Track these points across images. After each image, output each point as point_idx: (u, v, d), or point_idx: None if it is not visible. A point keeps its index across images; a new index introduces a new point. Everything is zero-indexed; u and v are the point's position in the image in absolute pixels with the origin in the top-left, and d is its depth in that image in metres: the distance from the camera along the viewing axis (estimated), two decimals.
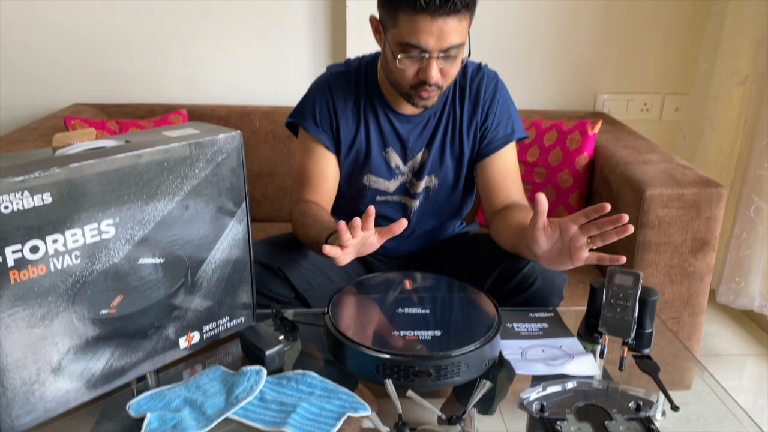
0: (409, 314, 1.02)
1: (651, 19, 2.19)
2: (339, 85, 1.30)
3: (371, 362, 0.91)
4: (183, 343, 0.97)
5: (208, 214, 0.94)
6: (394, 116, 1.30)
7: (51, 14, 2.07)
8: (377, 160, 1.31)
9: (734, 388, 1.86)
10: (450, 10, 1.07)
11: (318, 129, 1.29)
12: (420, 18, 1.08)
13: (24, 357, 0.79)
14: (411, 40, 1.10)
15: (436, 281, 1.14)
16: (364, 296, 1.09)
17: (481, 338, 0.94)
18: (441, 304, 1.07)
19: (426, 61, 1.13)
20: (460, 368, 0.91)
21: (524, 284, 1.19)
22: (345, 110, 1.29)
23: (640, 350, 1.03)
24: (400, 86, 1.20)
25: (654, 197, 1.48)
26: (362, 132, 1.30)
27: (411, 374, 0.90)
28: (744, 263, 1.94)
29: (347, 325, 0.98)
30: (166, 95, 2.16)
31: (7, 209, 0.73)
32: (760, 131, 1.87)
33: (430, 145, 1.31)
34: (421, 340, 0.94)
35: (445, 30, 1.09)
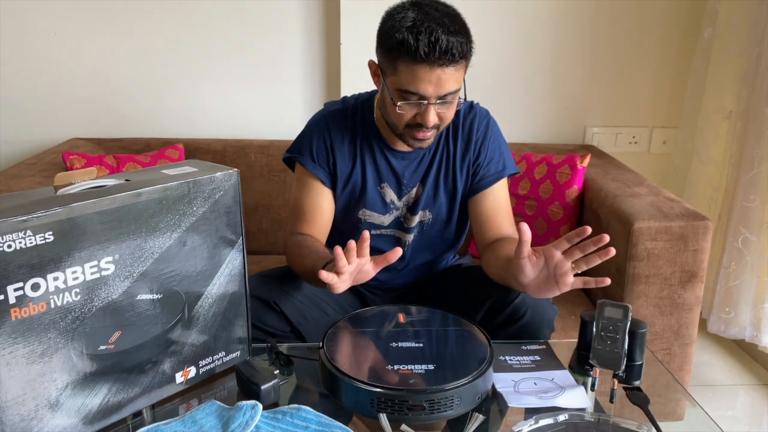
0: (402, 348, 1.03)
1: (639, 53, 2.25)
2: (336, 122, 1.33)
3: (365, 396, 0.92)
4: (179, 377, 0.97)
5: (205, 250, 0.96)
6: (390, 153, 1.33)
7: (49, 50, 2.11)
8: (372, 195, 1.34)
9: (728, 417, 1.86)
10: (448, 61, 1.11)
11: (315, 165, 1.32)
12: (419, 68, 1.12)
13: (23, 393, 0.80)
14: (410, 88, 1.15)
15: (429, 315, 1.16)
16: (358, 330, 1.10)
17: (474, 372, 0.96)
18: (434, 338, 1.08)
19: (424, 107, 1.17)
20: (453, 402, 0.92)
21: (515, 316, 1.21)
22: (342, 147, 1.32)
23: (630, 382, 1.04)
24: (396, 128, 1.24)
25: (642, 230, 1.51)
26: (358, 168, 1.33)
27: (405, 408, 0.91)
28: (733, 293, 1.96)
29: (342, 359, 0.99)
30: (163, 130, 2.19)
31: (10, 248, 0.75)
32: (745, 164, 1.91)
33: (425, 180, 1.34)
34: (414, 374, 0.95)
35: (443, 78, 1.13)
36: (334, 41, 2.14)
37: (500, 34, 2.19)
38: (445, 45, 1.10)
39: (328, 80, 2.22)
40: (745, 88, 1.95)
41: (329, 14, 2.14)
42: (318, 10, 2.14)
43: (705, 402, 1.83)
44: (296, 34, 2.16)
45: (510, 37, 2.20)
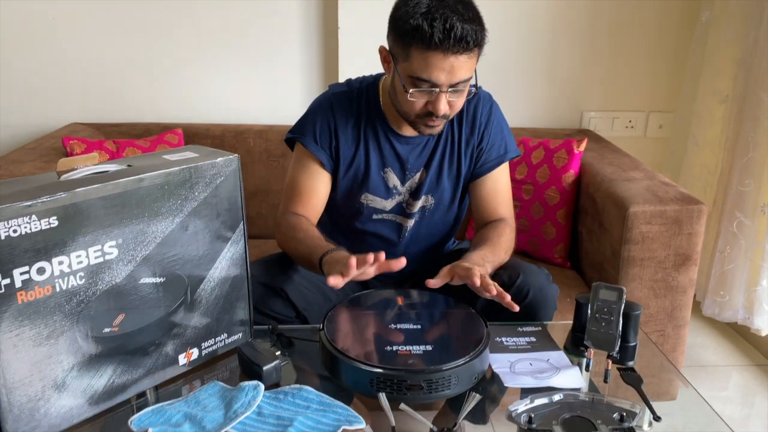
0: (401, 330, 1.05)
1: (636, 37, 2.25)
2: (341, 105, 1.33)
3: (365, 376, 0.94)
4: (182, 359, 0.99)
5: (206, 235, 0.97)
6: (394, 137, 1.33)
7: (48, 34, 2.11)
8: (375, 180, 1.34)
9: (721, 398, 1.90)
10: (462, 48, 1.11)
11: (317, 146, 1.32)
12: (432, 55, 1.11)
13: (30, 374, 0.81)
14: (422, 75, 1.14)
15: (427, 298, 1.18)
16: (358, 312, 1.12)
17: (471, 352, 0.98)
18: (432, 320, 1.10)
19: (435, 95, 1.17)
20: (450, 381, 0.94)
21: (518, 297, 1.22)
22: (345, 130, 1.32)
23: (624, 363, 1.06)
24: (407, 115, 1.24)
25: (637, 214, 1.53)
26: (362, 152, 1.33)
27: (403, 388, 0.93)
28: (728, 277, 1.98)
29: (342, 340, 1.01)
30: (162, 115, 2.19)
31: (16, 233, 0.76)
32: (740, 149, 1.92)
33: (429, 165, 1.35)
34: (413, 355, 0.97)
35: (456, 66, 1.13)
36: (332, 25, 2.14)
37: (498, 19, 2.19)
38: (460, 32, 1.09)
39: (326, 65, 2.22)
40: (742, 73, 1.96)
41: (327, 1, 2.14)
42: None
43: (698, 383, 1.87)
44: (294, 18, 2.16)
45: (507, 22, 2.20)
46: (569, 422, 0.91)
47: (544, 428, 0.89)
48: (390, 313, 1.12)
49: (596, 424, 0.90)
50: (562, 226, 1.83)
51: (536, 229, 1.85)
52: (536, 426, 0.89)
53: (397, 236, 1.39)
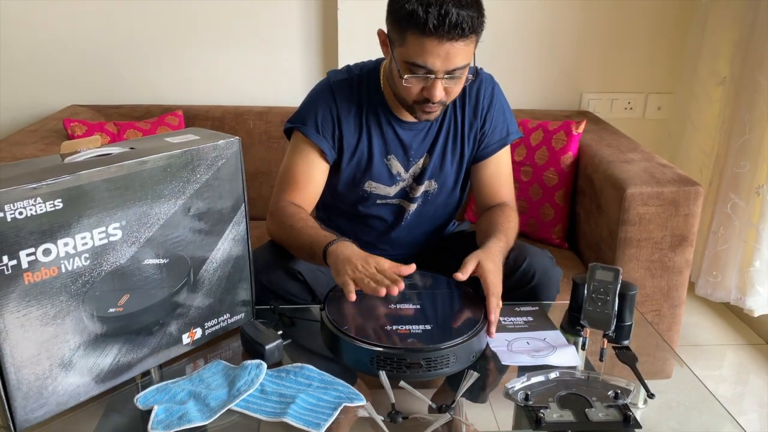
0: (401, 309, 1.07)
1: (635, 19, 2.25)
2: (342, 93, 1.30)
3: (366, 355, 0.96)
4: (186, 339, 1.01)
5: (209, 216, 0.98)
6: (397, 123, 1.32)
7: (48, 17, 2.10)
8: (379, 168, 1.34)
9: (715, 377, 1.93)
10: (458, 35, 1.10)
11: (318, 135, 1.29)
12: (428, 41, 1.10)
13: (38, 353, 0.83)
14: (418, 61, 1.13)
15: (426, 278, 1.20)
16: (358, 292, 1.14)
17: (469, 331, 1.00)
18: (431, 300, 1.12)
19: (431, 81, 1.16)
20: (449, 360, 0.96)
21: (523, 280, 1.24)
22: (348, 118, 1.30)
23: (619, 342, 1.08)
24: (404, 100, 1.23)
25: (634, 195, 1.54)
26: (365, 140, 1.32)
27: (403, 366, 0.95)
28: (721, 257, 2.00)
29: (343, 319, 1.03)
30: (162, 97, 2.19)
31: (22, 215, 0.77)
32: (736, 131, 1.93)
33: (432, 150, 1.34)
34: (412, 333, 0.99)
35: (451, 53, 1.12)
36: (332, 7, 2.13)
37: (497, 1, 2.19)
38: (455, 19, 1.08)
39: (326, 47, 2.21)
40: (740, 55, 1.96)
41: None
42: None
43: (693, 361, 1.90)
44: (294, 1, 2.15)
45: (507, 4, 2.19)
46: (565, 399, 0.93)
47: (540, 405, 0.91)
48: (391, 297, 1.13)
49: (591, 401, 0.92)
50: (561, 207, 1.84)
51: (535, 211, 1.86)
52: (533, 403, 0.91)
53: (399, 219, 1.40)
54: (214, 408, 0.89)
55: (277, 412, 0.88)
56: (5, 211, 0.76)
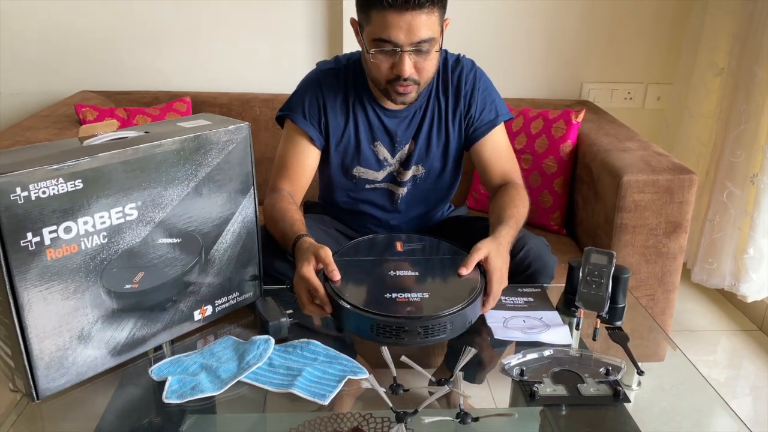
0: (400, 276, 1.10)
1: (635, 11, 2.27)
2: (329, 82, 1.36)
3: (366, 323, 1.00)
4: (197, 315, 1.06)
5: (220, 198, 1.03)
6: (382, 111, 1.36)
7: (59, 4, 2.13)
8: (366, 153, 1.38)
9: (708, 362, 1.97)
10: (415, 5, 1.14)
11: (306, 122, 1.35)
12: (389, 14, 1.15)
13: (59, 326, 0.88)
14: (383, 35, 1.18)
15: (425, 243, 1.22)
16: (359, 259, 1.16)
17: (465, 300, 1.03)
18: (430, 267, 1.14)
19: (399, 56, 1.20)
20: (446, 327, 1.00)
21: (519, 268, 1.28)
22: (334, 105, 1.36)
23: (612, 323, 1.12)
24: (378, 82, 1.27)
25: (630, 183, 1.58)
26: (351, 127, 1.37)
27: (401, 333, 0.99)
28: (716, 245, 2.04)
29: (344, 288, 1.05)
30: (171, 83, 2.23)
31: (45, 194, 0.82)
32: (733, 121, 1.96)
33: (417, 137, 1.38)
34: (411, 302, 1.02)
35: (413, 24, 1.16)
36: None
37: None
38: None
39: (330, 34, 2.24)
40: (737, 46, 1.99)
41: None
42: None
43: (686, 346, 1.94)
44: None
45: None
46: (558, 375, 0.98)
47: (534, 380, 0.95)
48: (389, 260, 1.16)
49: (583, 377, 0.97)
50: (559, 194, 1.88)
51: (534, 197, 1.90)
52: (527, 378, 0.96)
53: (390, 203, 1.44)
54: (224, 379, 0.94)
55: (285, 383, 0.93)
56: (29, 191, 0.80)
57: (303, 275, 1.04)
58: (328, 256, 1.06)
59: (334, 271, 1.05)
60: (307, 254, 1.07)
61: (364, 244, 1.24)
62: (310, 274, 1.04)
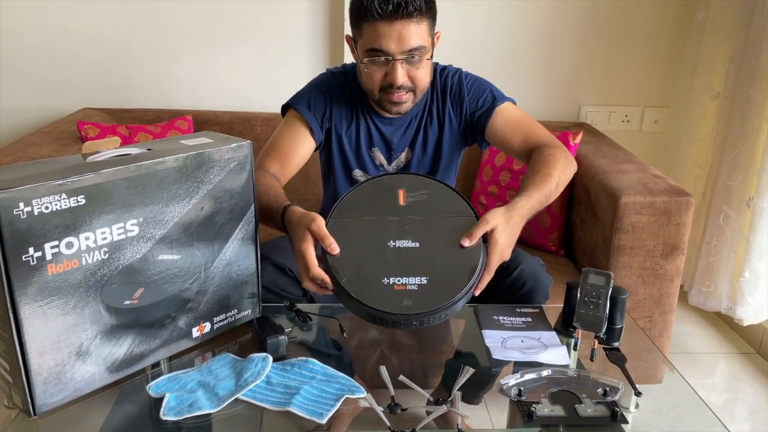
0: (399, 249, 1.06)
1: (633, 35, 2.30)
2: (337, 83, 1.41)
3: (363, 311, 1.02)
4: (195, 332, 1.06)
5: (220, 215, 1.03)
6: (378, 119, 1.41)
7: (62, 21, 2.16)
8: (365, 158, 1.43)
9: (706, 385, 1.96)
10: (403, 14, 1.19)
11: (309, 113, 1.38)
12: (380, 24, 1.20)
13: (58, 341, 0.88)
14: (375, 45, 1.23)
15: (430, 193, 1.14)
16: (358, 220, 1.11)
17: (463, 287, 1.03)
18: (432, 235, 1.08)
19: (391, 64, 1.24)
20: (441, 317, 1.03)
21: (514, 287, 1.29)
22: (340, 106, 1.40)
23: (610, 343, 1.12)
24: (372, 94, 1.31)
25: (628, 204, 1.59)
26: (353, 129, 1.41)
27: (398, 325, 1.01)
28: (713, 268, 2.05)
29: (341, 266, 1.04)
30: (173, 101, 2.25)
31: (48, 209, 0.82)
32: (729, 144, 1.98)
33: (413, 145, 1.43)
34: (408, 291, 1.02)
35: (404, 33, 1.21)
36: (339, 16, 2.19)
37: (497, 15, 2.25)
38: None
39: (332, 55, 2.27)
40: (733, 70, 2.02)
41: None
42: None
43: (684, 369, 1.94)
44: (301, 9, 2.21)
45: (507, 17, 2.25)
46: (556, 395, 0.97)
47: (532, 401, 0.95)
48: (390, 221, 1.10)
49: (581, 397, 0.97)
50: (557, 215, 1.89)
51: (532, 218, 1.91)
52: (525, 398, 0.96)
53: None
54: (222, 397, 0.93)
55: (282, 402, 0.93)
56: (33, 206, 0.81)
57: (300, 252, 1.05)
58: (321, 229, 1.04)
59: (332, 245, 1.04)
60: (301, 228, 1.07)
61: (363, 194, 1.15)
62: (307, 251, 1.04)
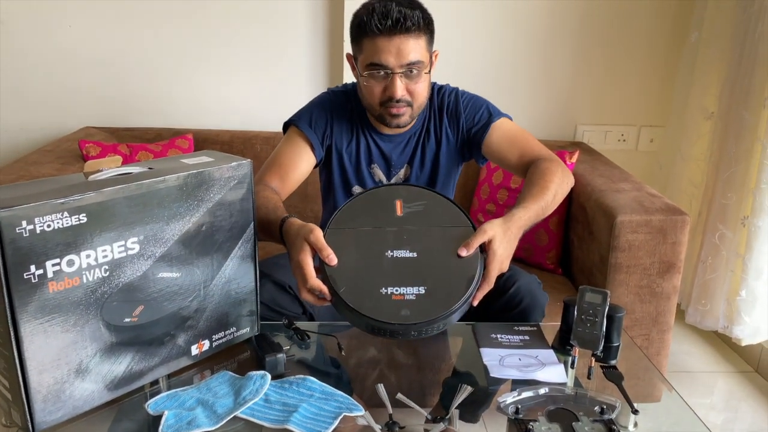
0: (397, 259, 1.07)
1: (628, 55, 2.33)
2: (338, 102, 1.44)
3: (361, 321, 1.02)
4: (194, 350, 1.06)
5: (220, 233, 1.04)
6: (378, 136, 1.44)
7: (64, 41, 2.18)
8: (364, 174, 1.45)
9: (705, 404, 1.96)
10: (401, 30, 1.23)
11: (310, 130, 1.40)
12: (379, 40, 1.24)
13: (58, 359, 0.88)
14: (374, 60, 1.26)
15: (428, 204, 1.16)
16: (355, 230, 1.12)
17: (461, 297, 1.04)
18: (429, 245, 1.10)
19: (390, 78, 1.28)
20: (439, 327, 1.03)
21: (510, 304, 1.29)
22: (341, 124, 1.43)
23: (607, 361, 1.12)
24: (372, 108, 1.34)
25: (624, 223, 1.61)
26: (353, 147, 1.43)
27: (396, 336, 1.02)
28: (710, 286, 2.05)
29: (339, 276, 1.05)
30: (173, 120, 2.27)
31: (50, 227, 0.83)
32: (724, 163, 2.00)
33: (412, 161, 1.45)
34: (406, 301, 1.02)
35: (402, 48, 1.25)
36: (338, 37, 2.22)
37: (495, 36, 2.28)
38: (396, 15, 1.22)
39: (332, 75, 2.30)
40: (726, 91, 2.04)
41: (333, 11, 2.22)
42: (323, 7, 2.22)
43: (682, 388, 1.94)
44: (301, 29, 2.24)
45: (504, 38, 2.28)
46: (553, 413, 0.97)
47: (529, 418, 0.96)
48: (388, 231, 1.11)
49: (578, 415, 0.97)
50: (554, 233, 1.90)
51: (530, 236, 1.92)
52: (522, 416, 0.96)
53: None
54: (220, 414, 0.94)
55: (281, 419, 0.93)
56: (35, 224, 0.82)
57: (298, 263, 1.06)
58: (319, 239, 1.06)
59: (330, 256, 1.05)
60: (299, 239, 1.08)
61: (360, 205, 1.16)
62: (305, 262, 1.05)
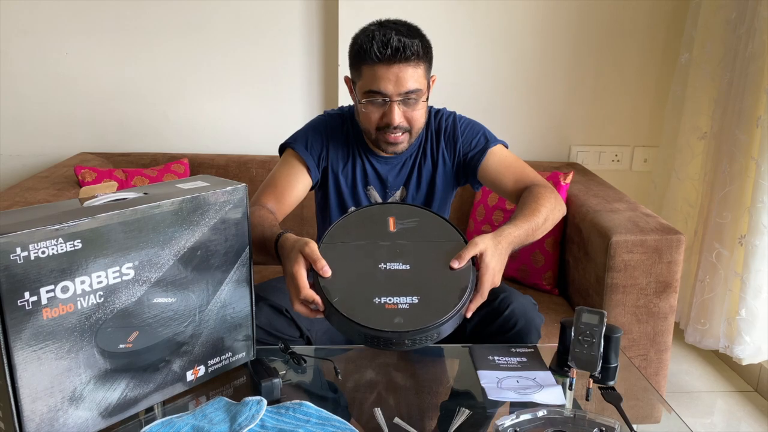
0: (390, 271, 1.08)
1: (621, 76, 2.36)
2: (334, 124, 1.45)
3: (354, 331, 1.02)
4: (190, 376, 1.05)
5: (215, 258, 1.04)
6: (374, 158, 1.45)
7: (60, 68, 2.20)
8: (360, 196, 1.46)
9: (705, 424, 1.94)
10: (401, 58, 1.24)
11: (306, 152, 1.41)
12: (378, 67, 1.26)
13: (51, 386, 0.87)
14: (373, 87, 1.28)
15: (420, 221, 1.17)
16: (349, 244, 1.12)
17: (454, 306, 1.03)
18: (422, 258, 1.10)
19: (388, 105, 1.29)
20: (432, 337, 1.02)
21: (506, 326, 1.29)
22: (337, 146, 1.43)
23: (605, 383, 1.11)
24: (369, 133, 1.35)
25: (619, 243, 1.61)
26: (349, 169, 1.44)
27: (389, 345, 1.01)
28: (708, 306, 2.05)
29: (333, 287, 1.05)
30: (168, 145, 2.28)
31: (44, 254, 0.83)
32: (719, 183, 2.01)
33: (408, 183, 1.46)
34: (399, 310, 1.02)
35: (401, 76, 1.26)
36: (333, 61, 2.24)
37: (489, 58, 2.30)
38: (396, 44, 1.23)
39: (327, 99, 2.31)
40: (719, 111, 2.06)
41: (328, 36, 2.25)
42: (318, 31, 2.25)
43: (682, 408, 1.92)
44: (296, 54, 2.26)
45: (499, 60, 2.31)
46: None
47: None
48: (381, 245, 1.12)
49: None
50: (550, 254, 1.90)
51: (526, 257, 1.92)
52: None
53: None
54: None
55: None
56: (29, 251, 0.82)
57: (292, 274, 1.06)
58: (314, 252, 1.06)
59: (324, 267, 1.05)
60: (294, 251, 1.08)
61: (354, 222, 1.17)
62: (298, 273, 1.05)
